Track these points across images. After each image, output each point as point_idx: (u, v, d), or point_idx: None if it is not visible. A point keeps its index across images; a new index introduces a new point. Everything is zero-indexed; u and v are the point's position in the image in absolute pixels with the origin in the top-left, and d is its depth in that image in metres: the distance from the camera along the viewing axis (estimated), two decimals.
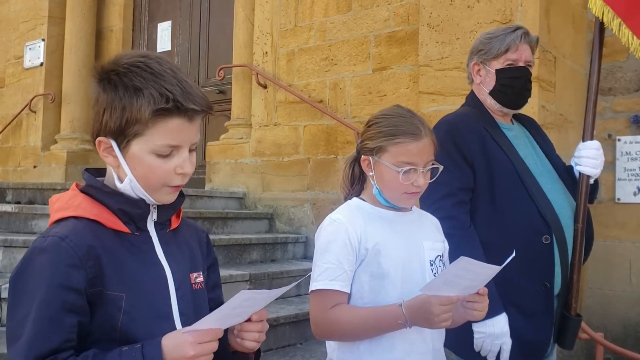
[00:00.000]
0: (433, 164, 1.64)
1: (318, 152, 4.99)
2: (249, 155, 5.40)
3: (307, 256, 4.91)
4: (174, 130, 1.21)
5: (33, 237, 3.89)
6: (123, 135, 1.21)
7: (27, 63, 7.12)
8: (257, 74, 5.29)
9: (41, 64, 6.94)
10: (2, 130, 7.25)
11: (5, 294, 3.30)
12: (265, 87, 5.31)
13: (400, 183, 1.60)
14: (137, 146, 1.21)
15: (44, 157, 6.78)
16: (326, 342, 1.72)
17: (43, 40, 6.95)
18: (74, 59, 6.71)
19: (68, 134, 6.69)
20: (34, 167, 6.88)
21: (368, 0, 4.78)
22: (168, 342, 1.14)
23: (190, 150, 1.26)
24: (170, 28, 6.53)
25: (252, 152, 5.38)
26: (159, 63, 1.22)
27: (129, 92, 1.19)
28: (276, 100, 5.26)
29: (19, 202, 4.89)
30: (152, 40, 6.66)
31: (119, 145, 1.23)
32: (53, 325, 1.12)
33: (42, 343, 1.11)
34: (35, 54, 7.05)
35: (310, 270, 1.63)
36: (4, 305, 3.31)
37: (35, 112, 6.94)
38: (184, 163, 1.23)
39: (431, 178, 1.66)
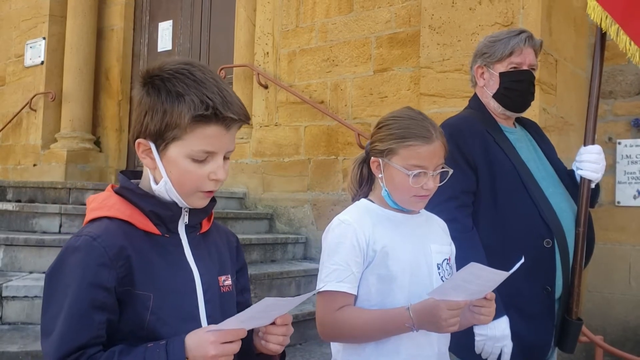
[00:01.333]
0: (443, 167, 1.64)
1: (318, 153, 4.99)
2: (250, 156, 5.40)
3: (307, 257, 4.92)
4: (211, 137, 1.24)
5: (34, 236, 3.91)
6: (162, 138, 1.25)
7: (28, 61, 7.12)
8: (258, 74, 5.29)
9: (42, 63, 6.93)
10: (3, 129, 7.25)
11: (6, 293, 3.31)
12: (266, 87, 5.31)
13: (410, 186, 1.60)
14: (175, 150, 1.25)
15: (43, 156, 6.78)
16: (331, 343, 1.72)
17: (44, 38, 6.94)
18: (75, 58, 6.70)
19: (68, 132, 6.68)
20: (34, 165, 6.87)
21: (370, 2, 4.78)
22: (191, 340, 1.17)
23: (225, 158, 1.29)
24: (171, 27, 6.52)
25: (253, 153, 5.38)
26: (202, 71, 1.26)
27: (171, 97, 1.22)
28: (277, 100, 5.26)
29: (19, 201, 4.88)
30: (153, 40, 6.65)
31: (157, 148, 1.26)
32: (83, 322, 1.16)
33: (72, 339, 1.15)
34: (36, 52, 7.04)
35: (310, 271, 1.63)
36: (5, 304, 3.32)
37: (35, 110, 6.93)
38: (218, 169, 1.26)
39: (440, 181, 1.66)
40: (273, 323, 1.28)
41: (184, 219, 1.32)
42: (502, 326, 1.97)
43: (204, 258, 1.35)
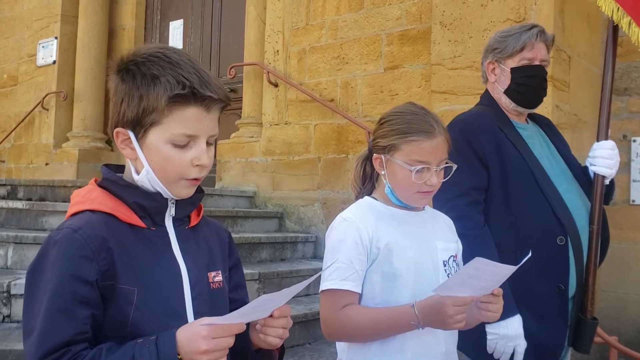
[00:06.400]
0: (446, 163, 1.61)
1: (329, 152, 4.97)
2: (260, 154, 5.38)
3: (317, 256, 4.89)
4: (191, 119, 1.20)
5: (43, 234, 3.92)
6: (140, 124, 1.20)
7: (40, 61, 7.15)
8: (268, 72, 5.28)
9: (54, 62, 6.97)
10: (15, 128, 7.29)
11: (14, 291, 3.30)
12: (276, 85, 5.29)
13: (413, 182, 1.57)
14: (154, 136, 1.20)
15: (55, 155, 6.81)
16: (336, 342, 1.69)
17: (56, 38, 6.98)
18: (87, 57, 6.73)
19: (80, 131, 6.71)
20: (46, 164, 6.91)
21: None
22: (182, 335, 1.12)
23: (208, 144, 1.24)
24: (182, 26, 6.53)
25: (263, 151, 5.37)
26: (176, 53, 1.22)
27: (147, 80, 1.18)
28: (287, 99, 5.24)
29: (30, 199, 4.90)
30: (164, 39, 6.66)
31: (136, 136, 1.22)
32: (65, 316, 1.11)
33: (54, 335, 1.10)
34: (48, 52, 7.08)
35: (319, 270, 1.59)
36: (14, 302, 3.31)
37: (47, 109, 6.96)
38: (201, 154, 1.21)
39: (445, 177, 1.63)
40: (271, 316, 1.23)
41: (170, 212, 1.27)
42: (515, 325, 1.93)
43: (192, 252, 1.29)
